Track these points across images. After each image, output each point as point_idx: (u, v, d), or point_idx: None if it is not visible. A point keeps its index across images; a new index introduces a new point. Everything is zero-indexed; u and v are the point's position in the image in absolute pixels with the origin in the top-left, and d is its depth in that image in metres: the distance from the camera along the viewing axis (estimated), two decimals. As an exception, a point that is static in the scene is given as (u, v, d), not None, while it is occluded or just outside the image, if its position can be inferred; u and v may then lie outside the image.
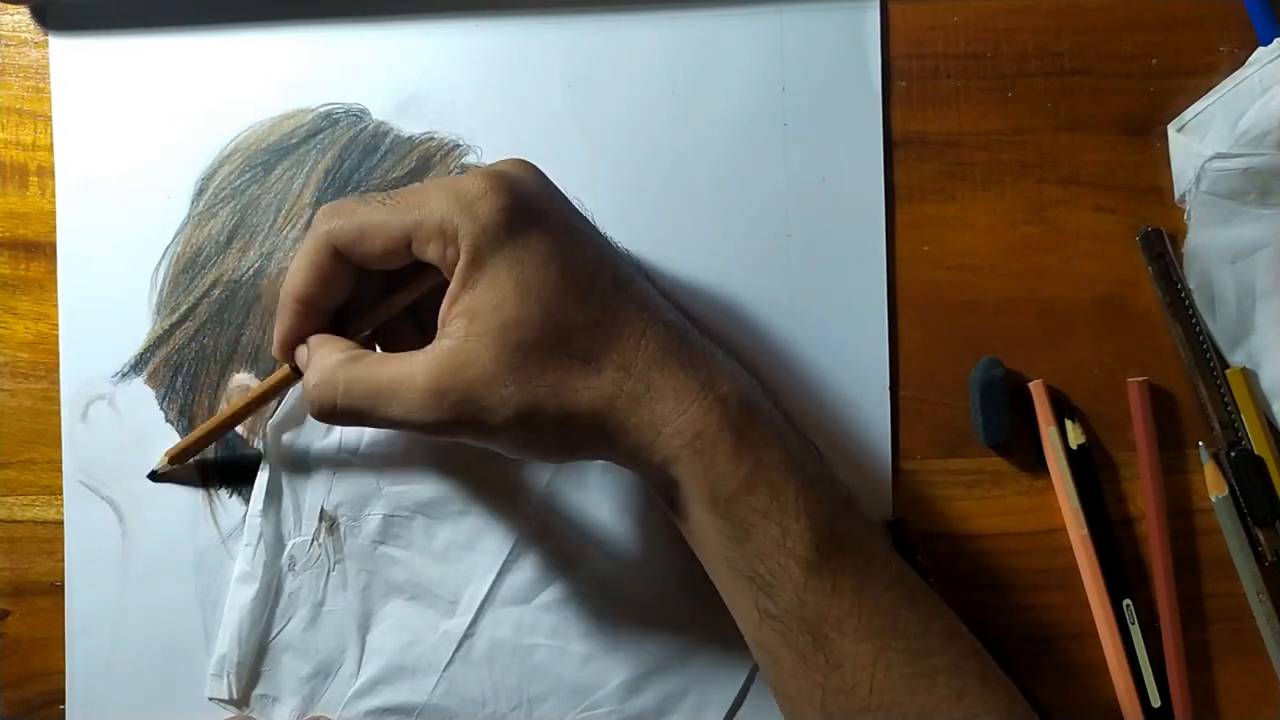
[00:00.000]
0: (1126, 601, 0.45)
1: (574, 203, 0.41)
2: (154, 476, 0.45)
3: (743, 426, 0.38)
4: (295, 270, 0.40)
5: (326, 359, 0.39)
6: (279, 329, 0.41)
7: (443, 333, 0.38)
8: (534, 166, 0.40)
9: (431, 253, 0.38)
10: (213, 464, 0.46)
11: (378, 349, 0.42)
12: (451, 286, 0.38)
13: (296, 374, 0.41)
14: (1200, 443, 0.46)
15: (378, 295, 0.41)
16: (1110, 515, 0.46)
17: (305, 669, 0.46)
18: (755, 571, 0.38)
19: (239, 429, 0.45)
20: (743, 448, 0.38)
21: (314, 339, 0.40)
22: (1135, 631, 0.45)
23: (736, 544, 0.38)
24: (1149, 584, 0.46)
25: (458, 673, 0.45)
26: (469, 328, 0.37)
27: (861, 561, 0.38)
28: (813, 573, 0.37)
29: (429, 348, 0.38)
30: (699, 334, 0.41)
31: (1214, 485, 0.46)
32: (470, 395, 0.37)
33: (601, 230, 0.46)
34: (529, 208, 0.38)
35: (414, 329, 0.42)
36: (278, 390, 0.43)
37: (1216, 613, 0.46)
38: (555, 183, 0.40)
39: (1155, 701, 0.45)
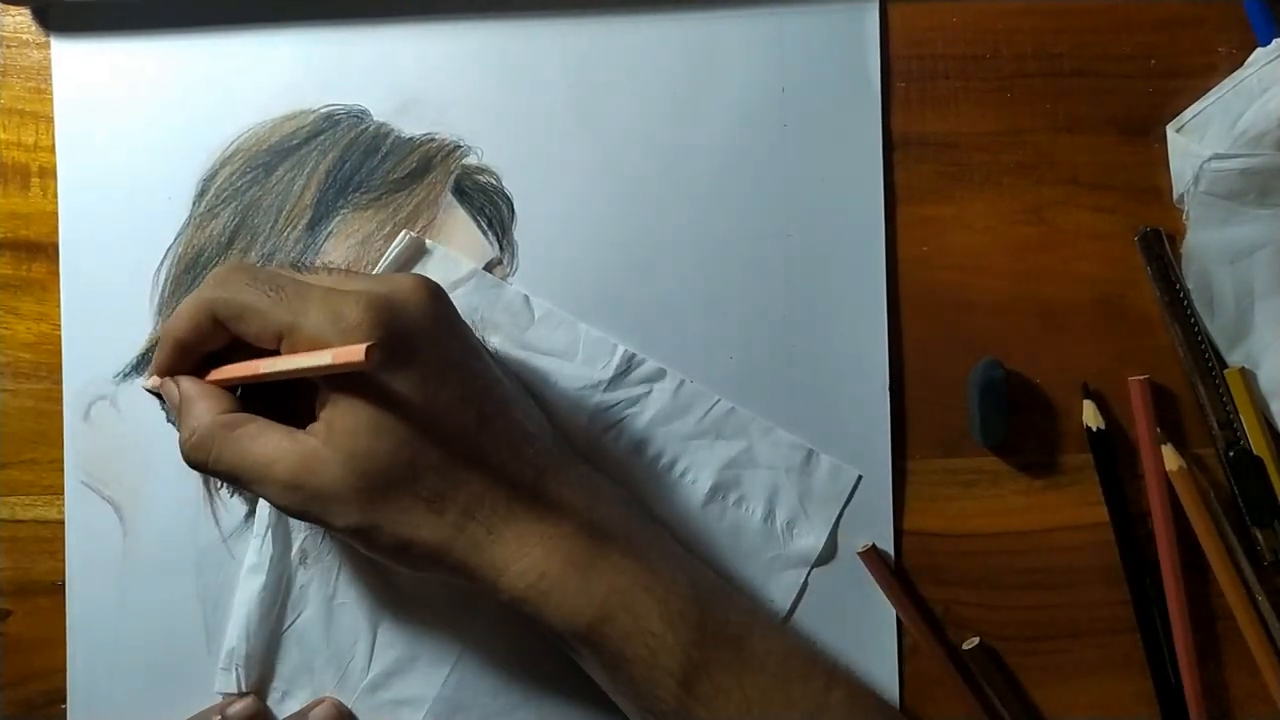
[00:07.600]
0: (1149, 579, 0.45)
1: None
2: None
3: (589, 560, 0.39)
4: (178, 316, 0.40)
5: (202, 417, 0.39)
6: (156, 359, 0.41)
7: (311, 427, 0.39)
8: (431, 289, 0.39)
9: None
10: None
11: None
12: (320, 389, 0.38)
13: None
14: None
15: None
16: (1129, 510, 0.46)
17: (316, 662, 0.46)
18: (636, 693, 0.39)
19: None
20: (593, 579, 0.38)
21: (190, 388, 0.41)
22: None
23: (612, 671, 0.39)
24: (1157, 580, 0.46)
25: (470, 664, 0.46)
26: (327, 438, 0.38)
27: (739, 656, 0.39)
28: (690, 683, 0.38)
29: (295, 438, 0.38)
30: (563, 453, 0.42)
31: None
32: (318, 497, 0.38)
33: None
34: (400, 347, 0.38)
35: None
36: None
37: (1215, 612, 0.46)
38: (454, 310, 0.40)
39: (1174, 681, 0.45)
